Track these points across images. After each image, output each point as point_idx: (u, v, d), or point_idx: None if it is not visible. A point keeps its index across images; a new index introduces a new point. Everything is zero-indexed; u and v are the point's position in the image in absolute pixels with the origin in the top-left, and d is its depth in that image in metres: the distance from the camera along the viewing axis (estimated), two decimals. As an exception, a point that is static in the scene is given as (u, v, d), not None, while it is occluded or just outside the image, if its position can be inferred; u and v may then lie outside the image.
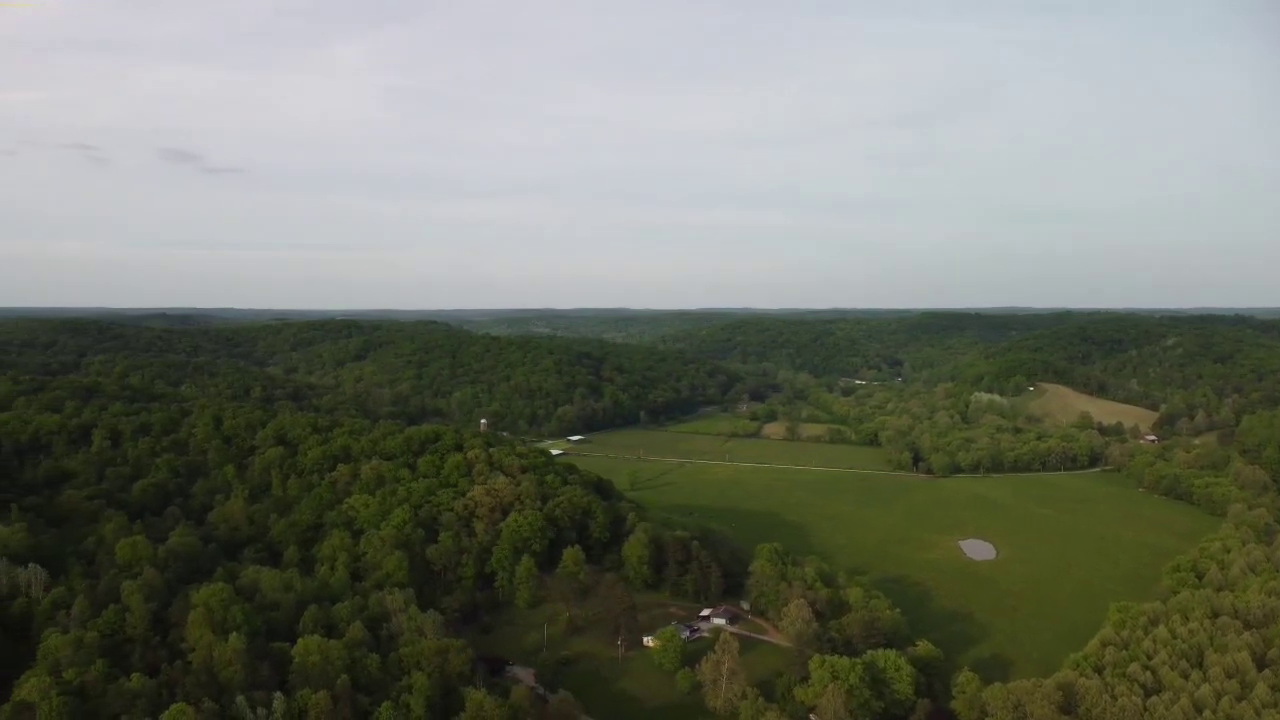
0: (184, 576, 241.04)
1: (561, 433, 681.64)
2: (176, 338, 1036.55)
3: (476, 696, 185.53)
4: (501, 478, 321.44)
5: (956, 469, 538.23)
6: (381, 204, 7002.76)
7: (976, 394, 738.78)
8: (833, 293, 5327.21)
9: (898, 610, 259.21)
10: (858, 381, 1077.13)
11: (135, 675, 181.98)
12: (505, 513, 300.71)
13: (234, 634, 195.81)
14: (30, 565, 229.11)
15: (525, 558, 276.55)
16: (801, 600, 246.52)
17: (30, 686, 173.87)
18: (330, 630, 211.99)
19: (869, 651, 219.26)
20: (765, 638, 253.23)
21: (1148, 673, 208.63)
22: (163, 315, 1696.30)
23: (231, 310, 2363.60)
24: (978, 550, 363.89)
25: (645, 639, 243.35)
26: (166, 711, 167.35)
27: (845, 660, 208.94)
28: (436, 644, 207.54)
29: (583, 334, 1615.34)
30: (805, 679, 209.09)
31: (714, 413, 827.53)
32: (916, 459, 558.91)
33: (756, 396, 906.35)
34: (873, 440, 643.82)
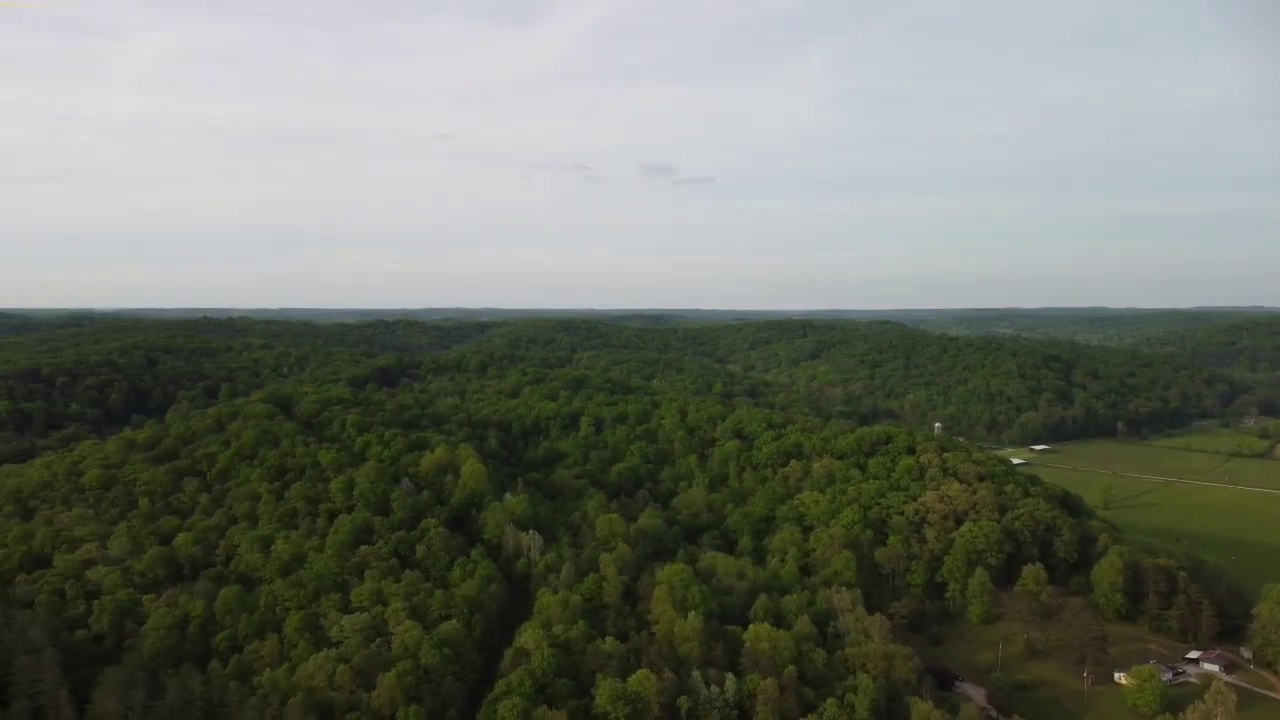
0: (650, 554, 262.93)
1: (1023, 441, 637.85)
2: (650, 336, 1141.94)
3: (923, 708, 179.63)
4: (956, 484, 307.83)
5: None
6: (838, 205, 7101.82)
7: None
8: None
9: None
10: None
11: (609, 639, 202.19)
12: (959, 521, 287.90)
13: (692, 613, 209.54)
14: (530, 531, 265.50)
15: (979, 570, 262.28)
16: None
17: (528, 636, 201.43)
18: (779, 621, 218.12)
19: None
20: (1271, 694, 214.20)
21: None
22: (639, 315, 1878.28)
23: (697, 311, 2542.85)
24: None
25: (1116, 674, 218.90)
26: (633, 675, 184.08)
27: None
28: (883, 648, 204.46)
29: (1051, 335, 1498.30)
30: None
31: (1211, 427, 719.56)
32: None
33: (1268, 410, 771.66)
34: None
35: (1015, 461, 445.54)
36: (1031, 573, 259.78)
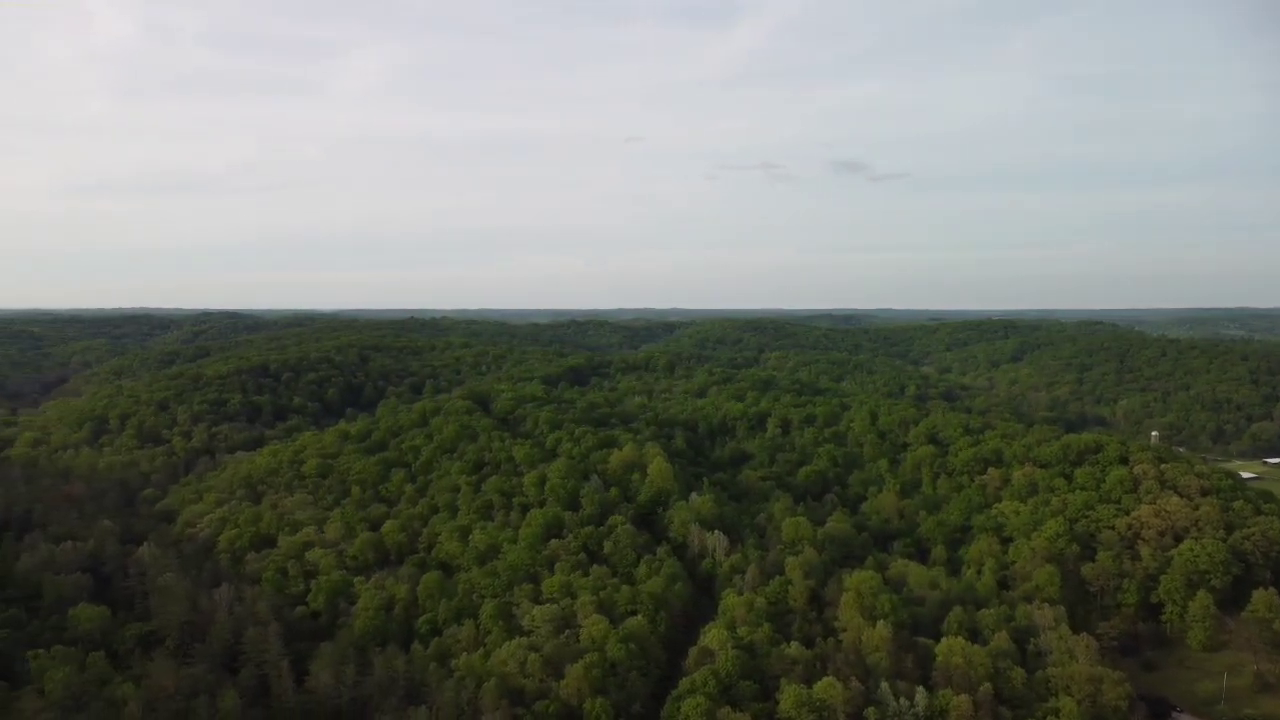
0: (838, 559, 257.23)
1: (1256, 453, 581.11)
2: (840, 336, 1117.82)
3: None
4: (1175, 498, 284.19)
5: None
6: (1044, 198, 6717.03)
7: None
8: None
9: None
10: None
11: (793, 644, 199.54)
12: (1178, 538, 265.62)
13: (881, 622, 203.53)
14: (715, 531, 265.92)
15: (1201, 593, 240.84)
16: None
17: (712, 636, 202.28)
18: (973, 635, 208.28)
19: None
20: None
21: None
22: (828, 315, 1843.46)
23: (889, 310, 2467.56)
24: None
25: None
26: (819, 682, 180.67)
27: None
28: (1090, 670, 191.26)
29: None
30: None
31: None
32: None
33: None
34: None
35: (1245, 475, 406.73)
36: (1263, 598, 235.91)
